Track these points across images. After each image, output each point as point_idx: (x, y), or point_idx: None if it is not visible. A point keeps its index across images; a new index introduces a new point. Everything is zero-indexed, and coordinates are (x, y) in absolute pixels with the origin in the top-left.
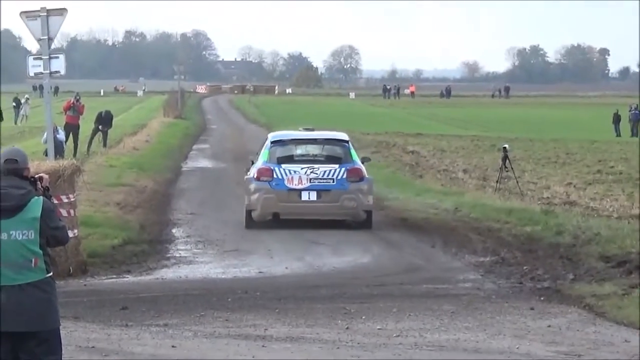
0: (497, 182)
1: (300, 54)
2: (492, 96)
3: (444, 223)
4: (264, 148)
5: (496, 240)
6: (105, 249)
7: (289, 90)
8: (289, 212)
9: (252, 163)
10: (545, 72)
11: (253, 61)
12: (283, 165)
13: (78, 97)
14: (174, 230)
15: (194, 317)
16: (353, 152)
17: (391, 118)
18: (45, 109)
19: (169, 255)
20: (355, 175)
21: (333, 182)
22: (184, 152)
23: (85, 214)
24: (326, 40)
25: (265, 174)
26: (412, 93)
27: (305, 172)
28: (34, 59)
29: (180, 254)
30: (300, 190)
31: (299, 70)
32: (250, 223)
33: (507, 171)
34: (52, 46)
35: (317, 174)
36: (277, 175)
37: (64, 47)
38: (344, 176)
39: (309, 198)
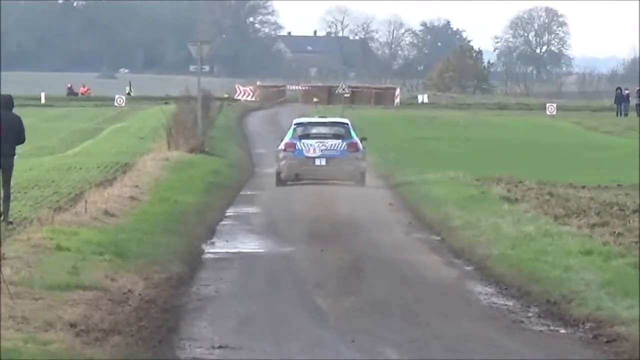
0: None
1: (448, 23)
2: None
3: None
4: (290, 129)
5: None
6: None
7: (422, 98)
8: (306, 173)
9: (281, 141)
10: None
11: (351, 38)
12: (302, 140)
13: None
14: None
15: None
16: (352, 131)
17: (631, 155)
18: None
19: None
20: (353, 148)
21: (337, 152)
22: (208, 222)
23: (7, 345)
24: None
25: (290, 147)
26: None
27: (318, 145)
28: None
29: None
30: (314, 158)
31: (446, 58)
32: (280, 182)
33: None
34: None
35: (326, 146)
36: (298, 147)
37: None
38: (345, 148)
39: (320, 163)
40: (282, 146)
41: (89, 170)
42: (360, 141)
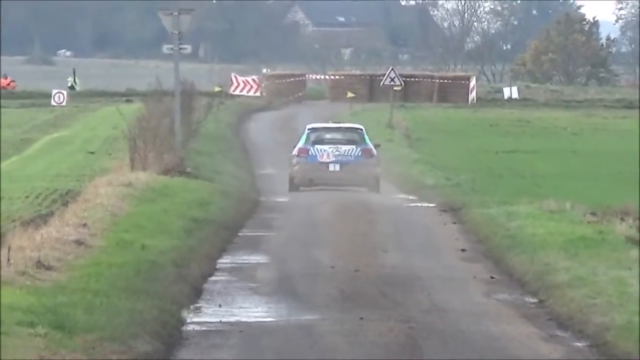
0: None
1: None
2: None
3: None
4: (303, 134)
5: None
6: None
7: (510, 92)
8: (320, 179)
9: (294, 146)
10: None
11: (403, 4)
12: (316, 146)
13: None
14: None
15: None
16: (366, 137)
17: None
18: None
19: None
20: (367, 154)
21: (352, 157)
22: (191, 277)
23: None
24: None
25: (303, 152)
26: None
27: (332, 151)
28: None
29: None
30: (328, 163)
31: (545, 32)
32: (293, 187)
33: None
34: None
35: (340, 152)
36: (311, 152)
37: None
38: (359, 154)
39: (334, 169)
40: (295, 152)
41: (13, 202)
42: (375, 147)
